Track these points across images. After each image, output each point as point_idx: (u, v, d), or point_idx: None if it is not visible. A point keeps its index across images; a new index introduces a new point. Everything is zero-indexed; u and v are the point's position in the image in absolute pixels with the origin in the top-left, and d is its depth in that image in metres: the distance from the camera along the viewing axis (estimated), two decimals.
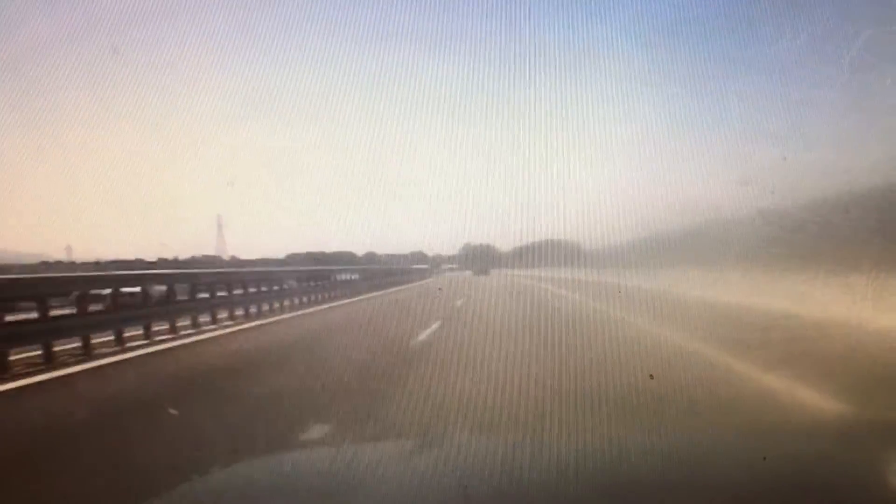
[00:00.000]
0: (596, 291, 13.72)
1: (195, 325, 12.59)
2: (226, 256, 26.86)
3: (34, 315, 8.68)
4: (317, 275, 20.40)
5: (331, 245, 31.58)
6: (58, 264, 19.43)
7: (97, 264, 19.54)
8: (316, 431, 4.98)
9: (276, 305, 16.44)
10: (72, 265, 19.37)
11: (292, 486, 2.27)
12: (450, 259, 32.79)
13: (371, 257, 33.03)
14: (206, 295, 12.82)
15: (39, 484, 4.08)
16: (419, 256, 34.14)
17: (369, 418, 5.31)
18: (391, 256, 34.25)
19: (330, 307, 18.17)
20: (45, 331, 8.59)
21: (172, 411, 5.69)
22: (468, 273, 31.59)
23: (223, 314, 13.62)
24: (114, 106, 23.13)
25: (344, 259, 29.87)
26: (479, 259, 27.14)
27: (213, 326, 12.84)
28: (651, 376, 5.35)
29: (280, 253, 28.71)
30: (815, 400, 5.17)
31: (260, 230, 35.49)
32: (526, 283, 23.68)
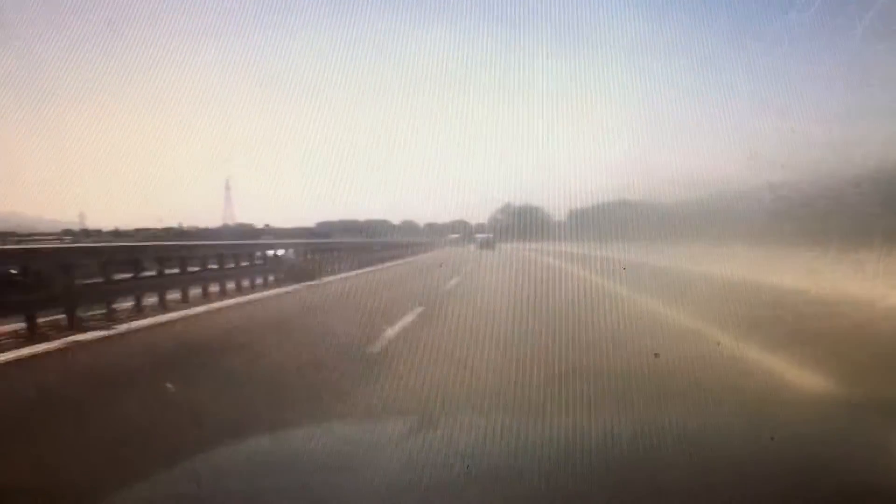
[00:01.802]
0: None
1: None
2: (259, 224, 26.59)
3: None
4: None
5: (366, 213, 30.74)
6: (82, 232, 20.09)
7: (116, 232, 19.95)
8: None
9: None
10: (99, 234, 19.93)
11: (296, 463, 2.27)
12: (486, 227, 29.75)
13: (409, 226, 32.39)
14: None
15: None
16: (460, 225, 33.25)
17: None
18: (430, 225, 33.46)
19: None
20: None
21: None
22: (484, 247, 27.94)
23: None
24: (113, 79, 23.00)
25: (376, 228, 29.32)
26: (512, 229, 21.89)
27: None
28: (656, 354, 5.27)
29: (309, 221, 28.30)
30: (824, 379, 5.09)
31: (290, 197, 34.94)
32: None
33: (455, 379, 5.28)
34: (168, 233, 20.59)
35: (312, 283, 15.92)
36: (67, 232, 19.58)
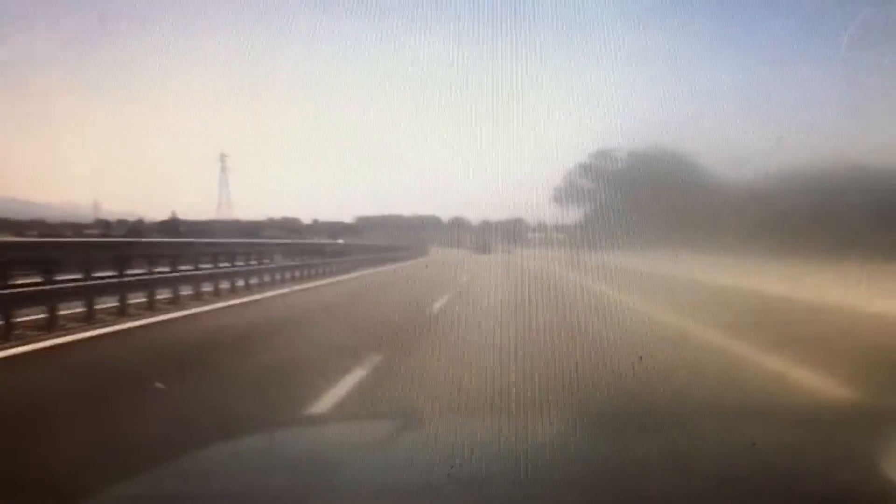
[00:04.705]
0: None
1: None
2: (306, 220, 26.11)
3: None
4: None
5: (411, 209, 29.78)
6: (120, 223, 20.52)
7: (139, 222, 20.41)
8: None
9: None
10: (129, 224, 20.27)
11: (281, 463, 2.29)
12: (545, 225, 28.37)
13: (458, 223, 31.23)
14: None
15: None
16: (517, 224, 31.21)
17: None
18: (485, 223, 31.77)
19: None
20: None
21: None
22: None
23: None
24: (102, 74, 22.83)
25: (427, 224, 28.52)
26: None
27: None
28: (640, 358, 5.23)
29: (347, 217, 27.69)
30: (807, 385, 5.06)
31: (333, 190, 34.15)
32: None
33: None
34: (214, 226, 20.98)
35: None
36: (101, 223, 20.06)
